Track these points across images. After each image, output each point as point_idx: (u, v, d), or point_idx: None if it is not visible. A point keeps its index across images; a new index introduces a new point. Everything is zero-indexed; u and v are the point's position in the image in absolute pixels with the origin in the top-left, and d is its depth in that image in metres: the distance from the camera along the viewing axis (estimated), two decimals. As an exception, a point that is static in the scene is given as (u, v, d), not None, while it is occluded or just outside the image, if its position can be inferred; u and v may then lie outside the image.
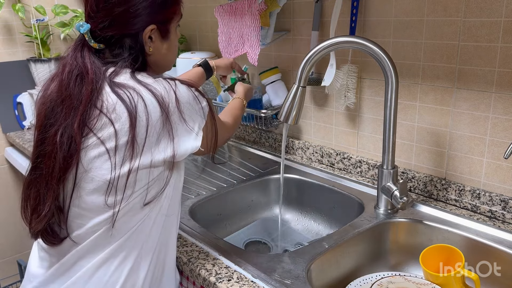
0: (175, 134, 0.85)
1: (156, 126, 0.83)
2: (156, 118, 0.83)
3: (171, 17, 0.95)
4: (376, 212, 1.17)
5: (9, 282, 2.12)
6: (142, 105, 0.82)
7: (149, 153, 0.83)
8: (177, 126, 0.85)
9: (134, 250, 0.88)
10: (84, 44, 0.90)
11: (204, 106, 0.91)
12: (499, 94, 1.06)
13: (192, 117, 0.88)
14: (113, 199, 0.83)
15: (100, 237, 0.85)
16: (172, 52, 0.99)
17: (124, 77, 0.86)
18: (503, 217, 1.09)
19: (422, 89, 1.21)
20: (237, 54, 1.55)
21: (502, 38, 1.03)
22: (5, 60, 2.05)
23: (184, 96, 0.87)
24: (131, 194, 0.84)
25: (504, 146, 1.08)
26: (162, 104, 0.83)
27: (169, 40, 0.96)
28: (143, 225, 0.87)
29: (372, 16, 1.27)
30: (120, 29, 0.88)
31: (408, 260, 1.12)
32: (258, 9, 1.42)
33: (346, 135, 1.43)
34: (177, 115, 0.85)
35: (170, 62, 1.01)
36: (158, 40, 0.93)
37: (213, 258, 0.99)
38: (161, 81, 0.86)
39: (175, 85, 0.87)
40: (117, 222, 0.84)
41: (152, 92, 0.84)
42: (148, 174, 0.84)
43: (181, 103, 0.86)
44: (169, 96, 0.85)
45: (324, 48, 1.04)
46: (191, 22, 1.98)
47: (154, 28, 0.91)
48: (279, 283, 0.89)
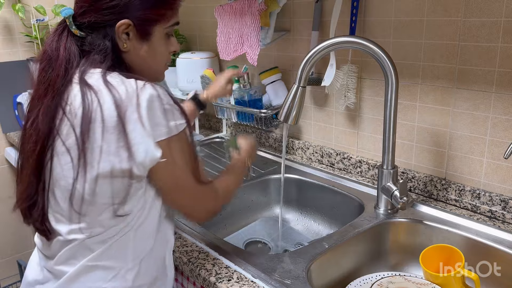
0: (132, 143, 0.78)
1: (112, 133, 0.77)
2: (112, 125, 0.77)
3: (154, 19, 0.88)
4: (376, 212, 1.17)
5: (9, 282, 2.12)
6: (99, 111, 0.78)
7: (107, 162, 0.78)
8: (135, 133, 0.78)
9: (116, 260, 0.85)
10: (65, 29, 0.87)
11: (175, 126, 0.81)
12: (499, 94, 1.06)
13: (152, 124, 0.79)
14: (78, 208, 0.82)
15: (78, 244, 0.85)
16: (155, 58, 0.91)
17: (96, 77, 0.82)
18: (503, 217, 1.09)
19: (422, 89, 1.21)
20: (236, 54, 1.55)
21: (502, 38, 1.03)
22: (5, 60, 2.04)
23: (148, 101, 0.79)
24: (94, 204, 0.81)
25: (504, 146, 1.08)
26: (119, 109, 0.78)
27: (149, 42, 0.88)
28: (124, 236, 0.84)
29: (372, 16, 1.27)
30: (94, 17, 0.84)
31: (408, 260, 1.12)
32: (258, 9, 1.42)
33: (346, 135, 1.43)
34: (135, 121, 0.78)
35: (152, 69, 0.92)
36: (136, 39, 0.87)
37: (213, 258, 0.99)
38: (128, 82, 0.81)
39: (142, 88, 0.80)
40: (91, 232, 0.83)
41: (113, 95, 0.79)
42: (111, 185, 0.80)
43: (141, 108, 0.78)
44: (129, 100, 0.78)
45: (324, 48, 1.04)
46: (191, 22, 1.98)
47: (130, 24, 0.85)
48: (279, 283, 0.89)
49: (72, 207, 0.82)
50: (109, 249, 0.84)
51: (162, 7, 0.88)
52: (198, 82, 1.69)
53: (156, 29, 0.89)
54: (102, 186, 0.80)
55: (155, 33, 0.89)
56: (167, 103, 0.81)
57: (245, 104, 1.59)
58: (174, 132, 0.81)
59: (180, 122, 0.83)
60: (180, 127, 0.83)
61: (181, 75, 1.83)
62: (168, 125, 0.81)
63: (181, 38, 1.97)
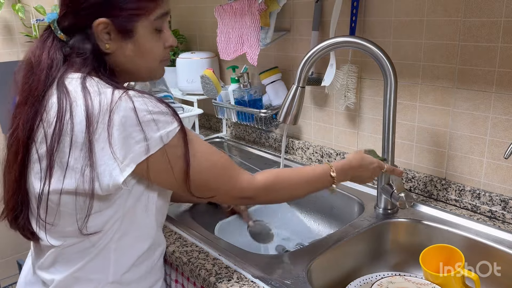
0: (99, 163, 0.74)
1: (81, 149, 0.74)
2: (80, 141, 0.74)
3: (135, 14, 0.80)
4: (376, 212, 1.17)
5: (9, 282, 2.12)
6: (70, 123, 0.75)
7: (73, 179, 0.76)
8: (103, 153, 0.74)
9: (97, 273, 0.85)
10: (50, 36, 0.84)
11: (159, 138, 0.75)
12: (499, 94, 1.06)
13: (124, 146, 0.74)
14: (44, 217, 0.82)
15: (58, 251, 0.85)
16: (143, 57, 0.84)
17: (74, 83, 0.79)
18: (503, 217, 1.09)
19: (422, 89, 1.21)
20: (236, 54, 1.55)
21: (502, 38, 1.03)
22: (5, 60, 2.05)
23: (121, 118, 0.73)
24: (60, 216, 0.81)
25: (504, 146, 1.08)
26: (90, 124, 0.73)
27: (134, 40, 0.82)
28: (104, 249, 0.84)
29: (372, 16, 1.27)
30: (74, 19, 0.81)
31: (408, 260, 1.12)
32: (258, 9, 1.42)
33: (346, 135, 1.43)
34: (105, 141, 0.73)
35: (143, 68, 0.86)
36: (119, 38, 0.81)
37: (213, 258, 0.99)
38: (105, 93, 0.76)
39: (117, 102, 0.74)
40: (65, 240, 0.83)
41: (86, 107, 0.74)
42: (75, 201, 0.78)
43: (113, 127, 0.73)
44: (102, 115, 0.73)
45: (324, 48, 1.03)
46: (191, 22, 1.98)
47: (108, 23, 0.79)
48: (279, 283, 0.89)
49: (39, 216, 0.83)
50: (91, 261, 0.84)
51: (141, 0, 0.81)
52: (198, 82, 1.69)
53: (139, 24, 0.81)
54: (66, 201, 0.79)
55: (138, 30, 0.82)
56: (150, 112, 0.75)
57: (245, 104, 1.59)
58: (158, 146, 0.76)
59: (168, 130, 0.77)
60: (168, 136, 0.77)
61: (181, 75, 1.83)
62: (151, 139, 0.75)
63: (181, 38, 1.97)
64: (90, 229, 0.80)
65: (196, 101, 1.80)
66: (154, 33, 0.84)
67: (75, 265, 0.84)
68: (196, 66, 1.77)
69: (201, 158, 0.82)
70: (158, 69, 0.89)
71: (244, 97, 1.59)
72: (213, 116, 1.92)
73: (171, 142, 0.77)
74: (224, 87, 1.68)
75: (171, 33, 0.89)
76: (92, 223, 0.81)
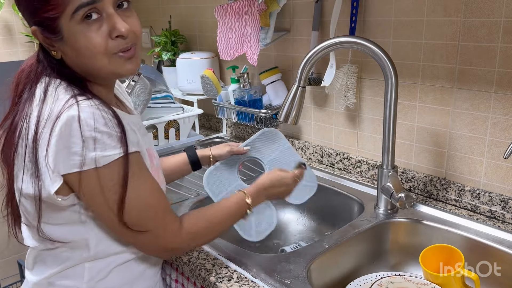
0: (42, 170, 0.74)
1: (33, 155, 0.75)
2: (30, 147, 0.75)
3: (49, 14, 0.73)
4: (376, 212, 1.17)
5: (9, 282, 2.12)
6: (25, 129, 0.76)
7: (29, 183, 0.77)
8: (43, 161, 0.74)
9: (71, 280, 0.85)
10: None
11: (94, 158, 0.72)
12: (499, 94, 1.06)
13: (57, 155, 0.72)
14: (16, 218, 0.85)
15: (36, 252, 0.87)
16: (82, 54, 0.76)
17: (40, 87, 0.79)
18: (503, 217, 1.09)
19: (422, 89, 1.21)
20: (236, 54, 1.55)
21: (502, 38, 1.03)
22: (5, 60, 2.05)
23: (62, 126, 0.71)
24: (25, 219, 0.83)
25: (504, 146, 1.08)
26: (37, 131, 0.74)
27: (65, 41, 0.75)
28: (77, 255, 0.83)
29: (372, 16, 1.28)
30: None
31: (408, 260, 1.12)
32: (258, 10, 1.42)
33: (346, 135, 1.43)
34: (45, 148, 0.73)
35: (90, 66, 0.78)
36: (56, 43, 0.77)
37: (213, 258, 0.99)
38: (60, 100, 0.75)
39: (66, 110, 0.72)
40: (40, 243, 0.84)
41: (39, 114, 0.75)
42: (32, 205, 0.79)
43: (53, 134, 0.72)
44: (49, 122, 0.73)
45: (324, 48, 1.04)
46: (191, 22, 1.98)
47: (36, 29, 0.76)
48: (279, 283, 0.89)
49: (17, 215, 0.85)
50: (66, 268, 0.85)
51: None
52: (198, 82, 1.69)
53: (62, 23, 0.73)
54: (25, 204, 0.81)
55: (63, 29, 0.74)
56: (94, 129, 0.71)
57: (245, 104, 1.59)
58: (91, 165, 0.72)
59: (105, 154, 0.73)
60: (104, 160, 0.73)
61: (181, 75, 1.83)
62: (85, 156, 0.72)
63: (181, 38, 1.97)
64: (52, 234, 0.81)
65: (196, 101, 1.80)
66: (85, 27, 0.74)
67: (51, 269, 0.85)
68: (196, 66, 1.77)
69: (139, 195, 0.79)
70: (112, 64, 0.77)
71: (244, 97, 1.59)
72: (213, 116, 1.92)
73: (106, 167, 0.74)
74: (224, 87, 1.68)
75: (120, 19, 0.76)
76: (58, 233, 0.81)
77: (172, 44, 1.93)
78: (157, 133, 1.66)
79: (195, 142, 1.74)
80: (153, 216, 0.81)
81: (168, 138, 1.71)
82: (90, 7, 0.73)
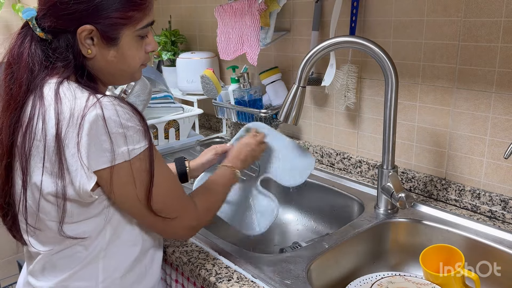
0: (71, 169, 0.75)
1: (55, 154, 0.75)
2: (53, 145, 0.75)
3: (121, 23, 0.80)
4: (376, 212, 1.17)
5: (9, 282, 2.12)
6: (43, 129, 0.76)
7: (51, 183, 0.77)
8: (74, 159, 0.74)
9: (85, 281, 0.85)
10: (28, 32, 0.82)
11: (126, 152, 0.76)
12: (499, 94, 1.06)
13: (90, 153, 0.75)
14: (26, 221, 0.84)
15: (45, 258, 0.86)
16: (125, 62, 0.84)
17: (51, 87, 0.78)
18: (503, 217, 1.09)
19: (422, 89, 1.21)
20: (236, 54, 1.55)
21: (502, 38, 1.03)
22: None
23: (91, 124, 0.74)
24: (40, 220, 0.82)
25: (504, 146, 1.08)
26: (60, 130, 0.74)
27: (117, 47, 0.81)
28: (92, 256, 0.84)
29: (372, 16, 1.27)
30: (54, 22, 0.79)
31: (408, 260, 1.12)
32: (258, 9, 1.42)
33: (346, 135, 1.43)
34: (74, 146, 0.74)
35: (125, 72, 0.86)
36: (102, 44, 0.80)
37: (213, 258, 0.99)
38: (79, 99, 0.76)
39: (90, 107, 0.74)
40: (53, 247, 0.84)
41: (58, 113, 0.75)
42: (54, 205, 0.79)
43: (82, 132, 0.73)
44: (74, 120, 0.74)
45: (324, 48, 1.04)
46: (191, 22, 1.98)
47: (92, 29, 0.78)
48: (279, 283, 0.89)
49: (24, 220, 0.84)
50: (80, 270, 0.84)
51: (129, 9, 0.80)
52: (198, 82, 1.69)
53: (124, 32, 0.81)
54: (45, 205, 0.80)
55: (123, 37, 0.81)
56: (121, 125, 0.75)
57: (245, 104, 1.59)
58: (121, 159, 0.76)
59: (135, 147, 0.77)
60: (133, 152, 0.77)
61: (181, 75, 1.83)
62: (115, 151, 0.75)
63: (181, 38, 1.97)
64: (71, 232, 0.81)
65: (196, 101, 1.80)
66: (136, 41, 0.84)
67: (63, 273, 0.85)
68: (196, 66, 1.77)
69: (162, 181, 0.83)
70: (138, 72, 0.89)
71: (244, 97, 1.59)
72: (213, 116, 1.92)
73: (136, 158, 0.78)
74: (224, 87, 1.68)
75: (153, 37, 0.89)
76: (78, 230, 0.81)
77: (172, 44, 1.93)
78: (157, 133, 1.66)
79: (195, 142, 1.74)
80: (176, 199, 0.87)
81: (168, 138, 1.71)
82: (151, 25, 0.86)
